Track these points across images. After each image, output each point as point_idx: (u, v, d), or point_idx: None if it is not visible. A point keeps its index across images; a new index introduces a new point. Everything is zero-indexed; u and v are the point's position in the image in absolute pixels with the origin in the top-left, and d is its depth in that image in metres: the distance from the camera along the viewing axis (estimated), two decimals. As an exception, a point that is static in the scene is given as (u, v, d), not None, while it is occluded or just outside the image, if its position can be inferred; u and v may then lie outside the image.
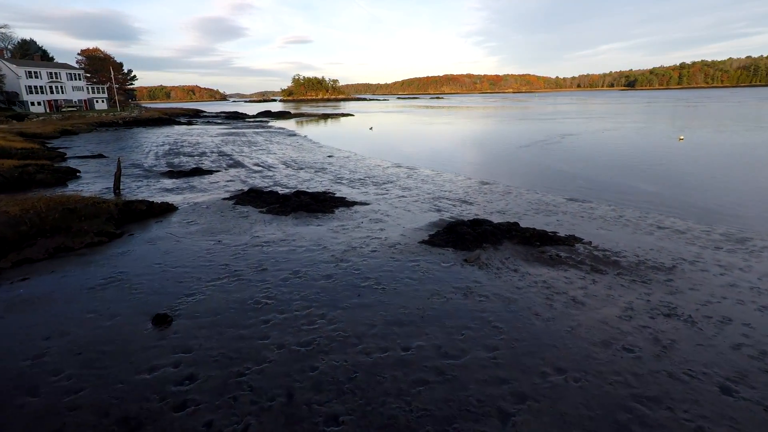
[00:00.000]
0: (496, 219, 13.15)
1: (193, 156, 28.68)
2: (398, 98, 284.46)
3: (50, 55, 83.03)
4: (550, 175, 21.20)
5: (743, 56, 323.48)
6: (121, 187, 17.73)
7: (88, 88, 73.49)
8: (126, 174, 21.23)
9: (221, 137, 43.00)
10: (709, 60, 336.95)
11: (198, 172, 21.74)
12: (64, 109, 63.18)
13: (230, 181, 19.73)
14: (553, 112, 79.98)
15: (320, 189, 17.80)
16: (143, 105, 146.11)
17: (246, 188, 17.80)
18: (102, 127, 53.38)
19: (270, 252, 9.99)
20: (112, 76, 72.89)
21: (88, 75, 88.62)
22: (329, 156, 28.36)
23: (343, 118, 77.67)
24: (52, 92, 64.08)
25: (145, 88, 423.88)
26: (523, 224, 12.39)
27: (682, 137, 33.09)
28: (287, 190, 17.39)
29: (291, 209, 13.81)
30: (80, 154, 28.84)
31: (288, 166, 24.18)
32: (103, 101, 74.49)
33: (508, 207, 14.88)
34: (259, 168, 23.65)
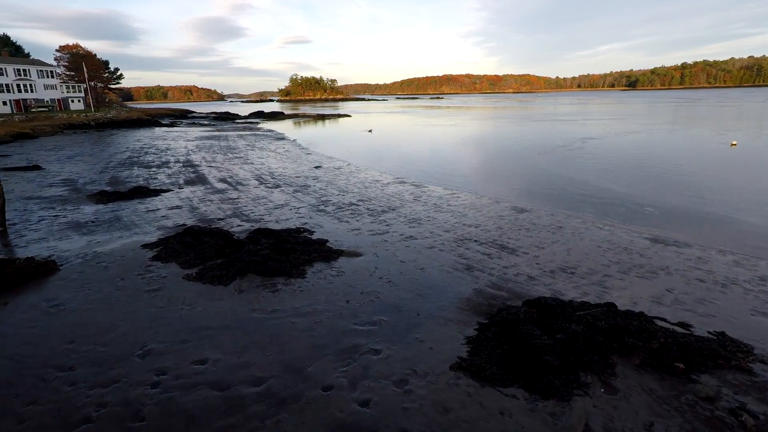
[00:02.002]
0: (567, 288, 8.06)
1: (150, 167, 23.50)
2: (397, 98, 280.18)
3: (26, 52, 77.62)
4: (600, 196, 16.13)
5: (744, 56, 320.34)
6: (11, 220, 12.57)
7: (62, 87, 68.00)
8: (41, 197, 16.05)
9: (198, 141, 37.86)
10: (711, 60, 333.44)
11: (139, 192, 16.57)
12: (33, 110, 57.83)
13: (175, 208, 14.55)
14: (562, 113, 75.06)
15: (294, 222, 12.67)
16: (130, 105, 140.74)
17: (190, 222, 12.66)
18: (70, 130, 48.09)
19: (155, 412, 4.83)
20: (85, 73, 67.39)
21: (72, 73, 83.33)
22: (317, 167, 23.25)
23: (339, 120, 72.69)
24: (19, 91, 58.59)
25: (143, 88, 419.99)
26: (616, 300, 7.32)
27: (734, 142, 28.04)
28: (247, 226, 12.24)
29: (237, 270, 8.66)
30: (13, 165, 23.65)
31: (262, 183, 19.03)
32: (79, 101, 69.05)
33: (572, 258, 9.77)
34: (224, 185, 18.49)
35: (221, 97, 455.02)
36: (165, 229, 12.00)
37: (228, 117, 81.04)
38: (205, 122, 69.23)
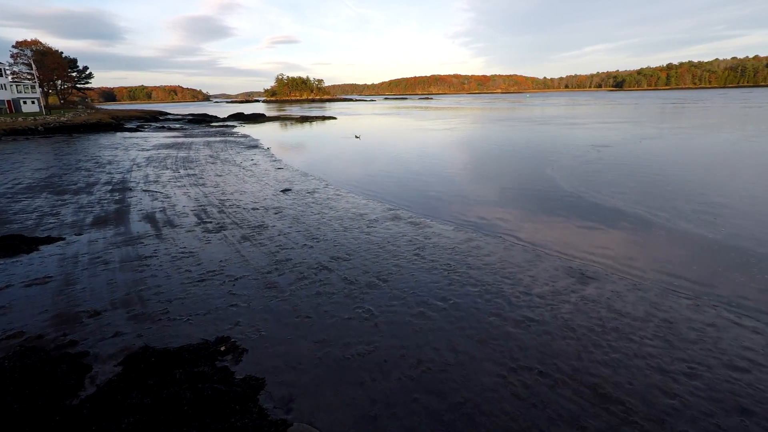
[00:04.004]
0: None
1: (64, 194, 17.92)
2: (385, 99, 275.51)
3: (-23, 49, 70.15)
4: (675, 243, 11.13)
5: (727, 57, 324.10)
6: None
7: (13, 87, 61.21)
8: None
9: (154, 151, 32.20)
10: (696, 61, 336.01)
11: (4, 247, 11.07)
12: (-24, 113, 51.21)
13: (37, 283, 9.13)
14: (560, 115, 70.68)
15: (218, 321, 7.38)
16: (110, 106, 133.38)
17: (41, 320, 7.29)
18: (11, 136, 41.86)
19: None
20: (35, 71, 60.74)
21: (33, 73, 76.26)
22: (285, 190, 17.99)
23: (324, 122, 67.23)
24: (-41, 92, 52.02)
25: (126, 88, 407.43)
26: None
27: (790, 154, 23.52)
28: (129, 334, 6.92)
29: None
30: None
31: (203, 220, 13.69)
32: (34, 102, 62.33)
33: (756, 442, 4.72)
34: (146, 227, 13.10)
35: (207, 98, 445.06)
36: (-26, 346, 6.62)
37: (204, 120, 74.92)
38: (176, 126, 63.19)
